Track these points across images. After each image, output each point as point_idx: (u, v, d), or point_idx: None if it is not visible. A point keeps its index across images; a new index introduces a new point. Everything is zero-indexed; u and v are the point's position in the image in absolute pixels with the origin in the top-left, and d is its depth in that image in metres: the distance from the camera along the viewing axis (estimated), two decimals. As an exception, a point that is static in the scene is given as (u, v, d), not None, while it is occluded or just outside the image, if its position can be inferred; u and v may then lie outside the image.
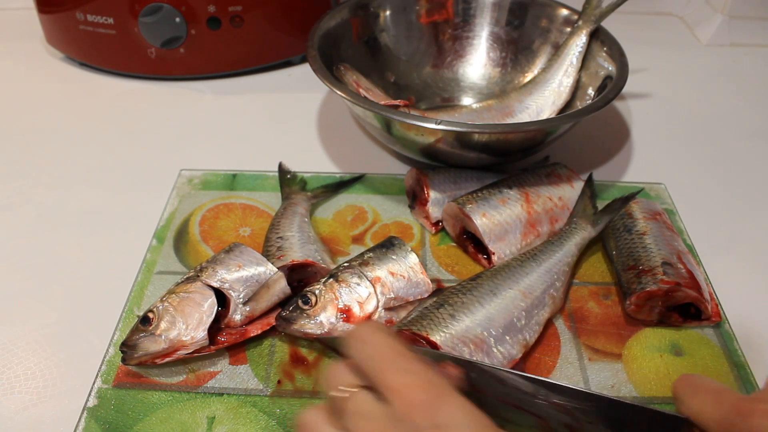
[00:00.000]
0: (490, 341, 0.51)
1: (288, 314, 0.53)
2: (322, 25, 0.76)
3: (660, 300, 0.56)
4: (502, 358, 0.51)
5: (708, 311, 0.56)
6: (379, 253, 0.58)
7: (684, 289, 0.55)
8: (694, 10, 1.12)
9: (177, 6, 0.83)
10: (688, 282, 0.56)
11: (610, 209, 0.63)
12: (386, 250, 0.58)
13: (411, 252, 0.58)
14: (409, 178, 0.69)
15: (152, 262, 0.62)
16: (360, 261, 0.57)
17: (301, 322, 0.53)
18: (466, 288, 0.54)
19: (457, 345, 0.50)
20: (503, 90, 0.84)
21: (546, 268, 0.57)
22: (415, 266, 0.57)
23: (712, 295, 0.58)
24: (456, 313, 0.52)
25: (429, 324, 0.51)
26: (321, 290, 0.54)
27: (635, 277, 0.57)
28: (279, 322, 0.54)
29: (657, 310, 0.57)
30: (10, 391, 0.52)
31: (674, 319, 0.57)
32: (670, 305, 0.57)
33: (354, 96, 0.65)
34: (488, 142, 0.64)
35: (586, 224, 0.62)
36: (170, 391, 0.52)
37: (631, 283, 0.57)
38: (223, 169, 0.75)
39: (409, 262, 0.57)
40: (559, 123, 0.66)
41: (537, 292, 0.56)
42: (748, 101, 0.92)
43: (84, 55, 0.92)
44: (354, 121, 0.84)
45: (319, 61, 0.69)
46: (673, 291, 0.55)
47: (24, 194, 0.71)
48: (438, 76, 0.86)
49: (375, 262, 0.56)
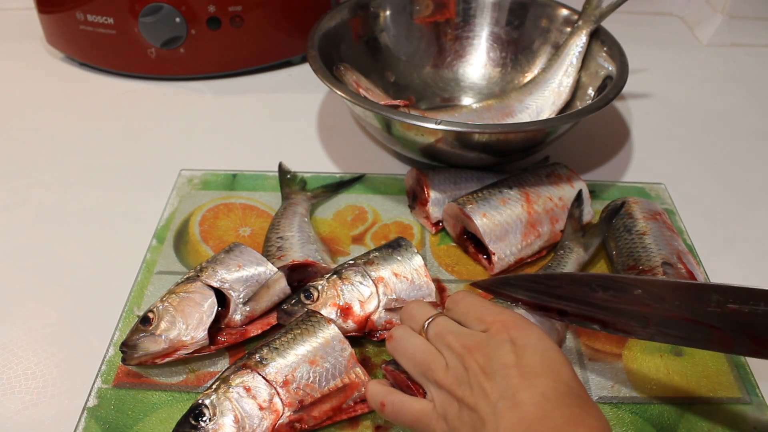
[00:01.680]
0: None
1: (289, 307, 0.54)
2: (322, 25, 0.76)
3: (660, 300, 0.56)
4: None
5: None
6: (385, 253, 0.57)
7: None
8: (694, 10, 1.12)
9: (177, 6, 0.83)
10: (687, 282, 0.56)
11: (597, 230, 0.63)
12: (392, 250, 0.58)
13: (417, 254, 0.57)
14: (409, 178, 0.69)
15: (152, 262, 0.62)
16: (365, 260, 0.56)
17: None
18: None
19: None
20: (503, 90, 0.84)
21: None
22: (419, 269, 0.57)
23: None
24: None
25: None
26: (324, 286, 0.54)
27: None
28: (280, 315, 0.54)
29: (657, 310, 0.57)
30: (10, 391, 0.52)
31: None
32: None
33: (354, 96, 0.65)
34: (488, 142, 0.64)
35: (579, 247, 0.61)
36: (170, 391, 0.52)
37: None
38: (223, 169, 0.75)
39: (414, 264, 0.57)
40: (559, 123, 0.66)
41: (544, 327, 0.53)
42: (748, 101, 0.92)
43: (84, 55, 0.92)
44: (354, 121, 0.84)
45: (319, 61, 0.69)
46: None
47: (24, 194, 0.71)
48: (438, 76, 0.86)
49: (380, 262, 0.56)
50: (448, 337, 0.44)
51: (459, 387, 0.42)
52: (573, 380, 0.40)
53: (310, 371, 0.48)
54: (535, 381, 0.39)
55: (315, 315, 0.51)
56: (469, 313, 0.46)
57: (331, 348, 0.49)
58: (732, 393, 0.53)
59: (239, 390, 0.46)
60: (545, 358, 0.41)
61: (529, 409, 0.38)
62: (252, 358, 0.48)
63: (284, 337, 0.50)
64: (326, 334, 0.50)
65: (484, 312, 0.45)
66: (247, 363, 0.48)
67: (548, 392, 0.39)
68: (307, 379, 0.47)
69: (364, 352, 0.55)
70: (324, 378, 0.48)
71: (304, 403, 0.47)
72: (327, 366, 0.48)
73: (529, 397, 0.39)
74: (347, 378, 0.49)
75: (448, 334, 0.44)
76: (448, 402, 0.42)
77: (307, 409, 0.47)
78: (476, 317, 0.45)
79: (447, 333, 0.44)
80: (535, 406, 0.38)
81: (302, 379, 0.47)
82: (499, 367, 0.40)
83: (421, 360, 0.45)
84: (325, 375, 0.48)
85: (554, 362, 0.41)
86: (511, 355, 0.41)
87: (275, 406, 0.46)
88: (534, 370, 0.40)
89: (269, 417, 0.46)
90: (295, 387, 0.47)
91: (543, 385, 0.39)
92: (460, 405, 0.41)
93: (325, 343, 0.49)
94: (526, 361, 0.40)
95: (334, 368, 0.48)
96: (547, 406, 0.38)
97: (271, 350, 0.48)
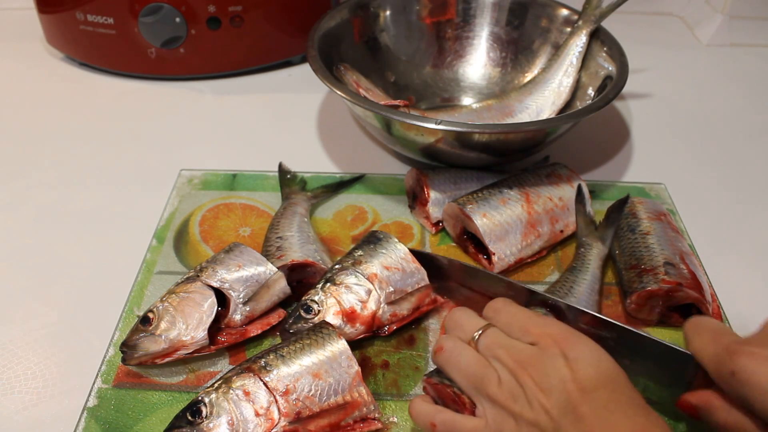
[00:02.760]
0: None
1: (290, 326, 0.53)
2: (322, 25, 0.76)
3: (661, 300, 0.56)
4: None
5: (709, 312, 0.56)
6: (369, 249, 0.57)
7: (685, 290, 0.55)
8: (694, 10, 1.12)
9: (177, 6, 0.83)
10: (689, 282, 0.56)
11: (609, 221, 0.63)
12: (374, 245, 0.57)
13: (399, 243, 0.57)
14: (409, 178, 0.69)
15: (152, 262, 0.62)
16: (352, 261, 0.56)
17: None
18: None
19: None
20: (503, 90, 0.84)
21: (583, 305, 0.54)
22: (406, 256, 0.56)
23: (714, 297, 0.58)
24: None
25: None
26: (322, 297, 0.53)
27: (636, 276, 0.57)
28: (284, 335, 0.53)
29: (657, 310, 0.57)
30: (10, 391, 0.52)
31: (675, 319, 0.57)
32: (671, 305, 0.57)
33: (354, 96, 0.65)
34: (488, 142, 0.64)
35: (597, 242, 0.62)
36: (170, 391, 0.52)
37: (632, 282, 0.57)
38: (223, 169, 0.75)
39: (399, 253, 0.57)
40: (559, 123, 0.66)
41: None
42: (748, 101, 0.92)
43: (84, 55, 0.92)
44: (354, 121, 0.84)
45: (319, 61, 0.69)
46: (674, 291, 0.55)
47: (24, 194, 0.71)
48: (438, 76, 0.86)
49: (367, 259, 0.56)
50: (499, 351, 0.43)
51: (515, 403, 0.41)
52: (630, 389, 0.41)
53: (313, 384, 0.47)
54: (594, 394, 0.39)
55: (327, 327, 0.50)
56: (512, 324, 0.45)
57: (337, 363, 0.48)
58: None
59: (239, 393, 0.46)
60: (600, 370, 0.41)
61: (593, 422, 0.38)
62: (257, 362, 0.48)
63: (293, 345, 0.49)
64: (334, 348, 0.49)
65: (528, 324, 0.44)
66: (252, 366, 0.47)
67: (610, 404, 0.39)
68: (308, 392, 0.47)
69: (364, 352, 0.55)
70: (326, 393, 0.47)
71: (301, 416, 0.46)
72: (330, 381, 0.47)
73: (591, 411, 0.39)
74: (349, 396, 0.48)
75: (499, 348, 0.44)
76: (502, 418, 0.42)
77: (303, 422, 0.46)
78: (521, 329, 0.44)
79: (498, 346, 0.44)
80: (598, 419, 0.38)
81: (303, 391, 0.47)
82: (555, 383, 0.40)
83: (474, 373, 0.44)
84: (327, 390, 0.47)
85: (610, 373, 0.41)
86: (565, 370, 0.40)
87: (272, 414, 0.46)
88: (592, 383, 0.40)
89: (264, 424, 0.45)
90: (294, 398, 0.46)
91: (603, 397, 0.39)
92: (518, 421, 0.41)
93: (332, 358, 0.48)
94: (581, 374, 0.40)
95: (337, 384, 0.48)
96: (611, 418, 0.38)
97: (277, 357, 0.48)
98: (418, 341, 0.56)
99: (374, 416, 0.48)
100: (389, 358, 0.54)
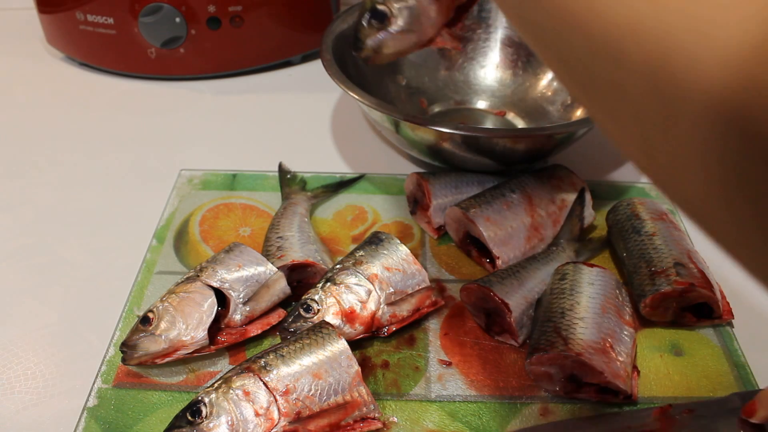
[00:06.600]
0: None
1: (290, 324, 0.53)
2: (333, 28, 0.76)
3: (674, 301, 0.56)
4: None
5: (720, 309, 0.56)
6: (370, 250, 0.57)
7: (698, 289, 0.55)
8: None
9: (177, 6, 0.83)
10: (701, 282, 0.55)
11: (593, 245, 0.64)
12: (376, 246, 0.57)
13: (400, 244, 0.57)
14: (410, 183, 0.69)
15: (152, 262, 0.62)
16: (353, 261, 0.56)
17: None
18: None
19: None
20: (515, 92, 0.84)
21: (528, 288, 0.57)
22: (407, 257, 0.56)
23: (723, 294, 0.58)
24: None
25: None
26: (321, 296, 0.53)
27: (649, 278, 0.57)
28: (284, 334, 0.53)
29: (671, 311, 0.56)
30: (10, 391, 0.52)
31: (688, 319, 0.57)
32: (683, 305, 0.56)
33: (370, 99, 0.65)
34: (514, 148, 0.64)
35: (571, 251, 0.61)
36: (170, 391, 0.52)
37: (644, 285, 0.56)
38: (223, 169, 0.75)
39: (401, 254, 0.57)
40: (578, 127, 0.66)
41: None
42: (748, 101, 0.92)
43: (84, 55, 0.92)
44: (354, 121, 0.83)
45: (335, 66, 0.69)
46: (687, 291, 0.55)
47: (24, 194, 0.71)
48: (450, 78, 0.86)
49: (368, 259, 0.56)
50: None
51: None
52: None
53: (313, 384, 0.47)
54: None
55: (327, 327, 0.50)
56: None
57: (337, 363, 0.48)
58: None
59: (239, 393, 0.46)
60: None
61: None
62: (257, 362, 0.48)
63: (293, 345, 0.49)
64: (334, 348, 0.49)
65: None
66: (252, 366, 0.47)
67: None
68: (308, 392, 0.47)
69: (364, 352, 0.55)
70: (326, 392, 0.47)
71: (301, 415, 0.46)
72: (330, 381, 0.47)
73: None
74: (349, 396, 0.48)
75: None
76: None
77: (303, 421, 0.46)
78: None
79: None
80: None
81: (303, 391, 0.47)
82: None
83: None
84: (327, 389, 0.47)
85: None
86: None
87: (271, 414, 0.46)
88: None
89: (264, 424, 0.45)
90: (294, 398, 0.46)
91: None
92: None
93: (332, 357, 0.48)
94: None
95: (337, 384, 0.48)
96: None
97: (277, 357, 0.48)
98: (418, 341, 0.56)
99: (374, 416, 0.48)
100: (389, 358, 0.54)
